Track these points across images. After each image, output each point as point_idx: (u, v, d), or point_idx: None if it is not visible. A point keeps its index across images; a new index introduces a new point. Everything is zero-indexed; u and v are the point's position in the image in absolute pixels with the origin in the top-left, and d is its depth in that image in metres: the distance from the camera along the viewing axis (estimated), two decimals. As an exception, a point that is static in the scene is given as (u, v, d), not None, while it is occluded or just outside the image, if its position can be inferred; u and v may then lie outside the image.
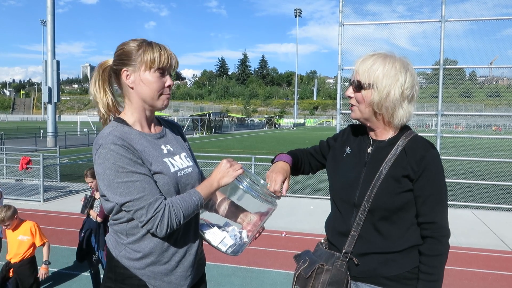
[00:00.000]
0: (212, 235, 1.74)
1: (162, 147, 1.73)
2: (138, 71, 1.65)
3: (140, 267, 1.64)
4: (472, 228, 7.40)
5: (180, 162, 1.74)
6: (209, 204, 1.86)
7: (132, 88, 1.67)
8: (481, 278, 5.14)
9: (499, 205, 8.79)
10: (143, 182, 1.54)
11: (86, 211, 4.50)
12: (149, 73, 1.65)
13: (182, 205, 1.57)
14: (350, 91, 1.74)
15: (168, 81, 1.69)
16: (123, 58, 1.67)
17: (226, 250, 1.72)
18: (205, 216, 1.84)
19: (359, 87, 1.69)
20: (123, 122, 1.68)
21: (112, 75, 1.73)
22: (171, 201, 1.57)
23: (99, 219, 4.36)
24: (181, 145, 1.84)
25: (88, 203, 4.51)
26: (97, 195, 4.45)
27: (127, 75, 1.67)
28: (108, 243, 1.72)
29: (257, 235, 1.79)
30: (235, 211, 1.82)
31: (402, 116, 1.70)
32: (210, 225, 1.78)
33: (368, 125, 1.78)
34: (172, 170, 1.67)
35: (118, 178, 1.53)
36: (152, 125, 1.78)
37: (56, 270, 5.13)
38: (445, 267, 1.67)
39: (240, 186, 1.66)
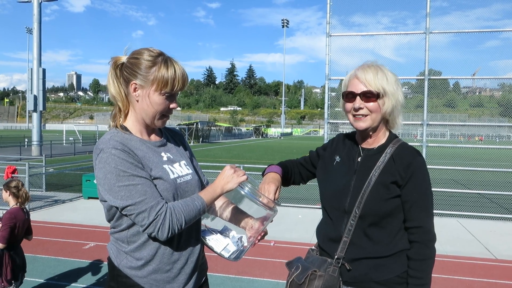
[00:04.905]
0: (215, 242, 1.75)
1: (162, 154, 1.73)
2: (147, 88, 1.61)
3: (143, 276, 1.64)
4: (457, 237, 7.51)
5: (180, 170, 1.74)
6: (210, 209, 1.86)
7: (138, 101, 1.65)
8: (467, 286, 5.22)
9: (483, 214, 8.94)
10: (144, 186, 1.54)
11: None
12: (158, 94, 1.61)
13: (184, 209, 1.57)
14: (359, 102, 1.73)
15: (173, 104, 1.67)
16: (135, 69, 1.61)
17: (229, 257, 1.73)
18: (206, 221, 1.85)
19: (373, 96, 1.71)
20: (124, 129, 1.68)
21: (121, 77, 1.66)
22: (173, 205, 1.56)
23: (0, 245, 3.63)
24: (181, 153, 1.85)
25: None
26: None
27: (135, 88, 1.63)
28: (110, 252, 1.72)
29: (259, 237, 1.78)
30: (236, 216, 1.83)
31: (400, 123, 1.82)
32: (212, 231, 1.79)
33: (371, 133, 1.82)
34: (172, 176, 1.67)
35: (119, 182, 1.52)
36: (153, 134, 1.77)
37: (43, 281, 5.05)
38: (431, 275, 1.72)
39: (242, 192, 1.68)
